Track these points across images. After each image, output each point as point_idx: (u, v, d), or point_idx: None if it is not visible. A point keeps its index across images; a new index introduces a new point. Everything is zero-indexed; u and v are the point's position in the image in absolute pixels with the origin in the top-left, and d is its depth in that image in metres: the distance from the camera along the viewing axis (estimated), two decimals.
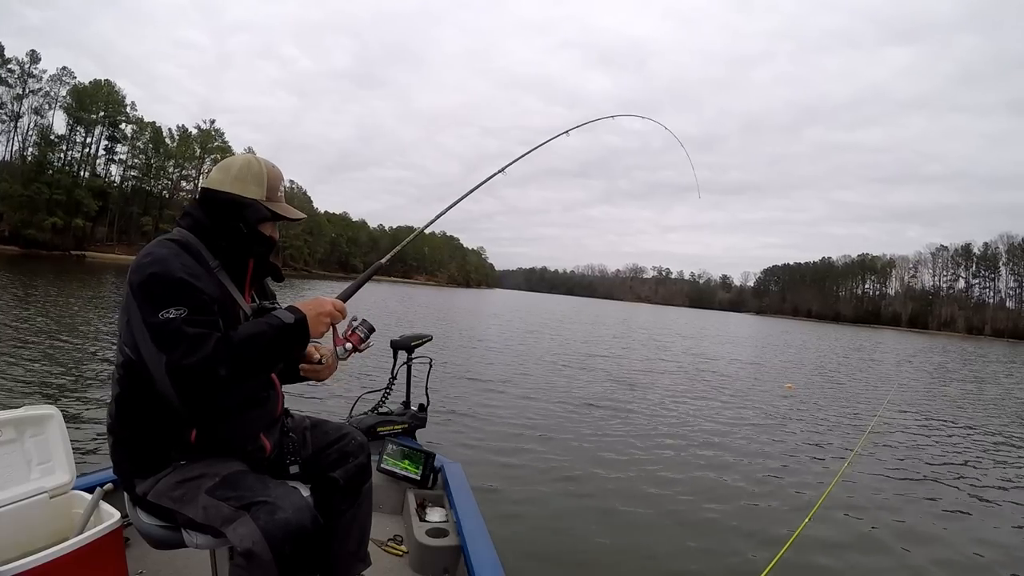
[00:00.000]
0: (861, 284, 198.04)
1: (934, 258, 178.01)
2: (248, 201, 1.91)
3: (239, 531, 1.65)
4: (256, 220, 1.92)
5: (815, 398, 13.29)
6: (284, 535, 1.63)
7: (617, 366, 16.10)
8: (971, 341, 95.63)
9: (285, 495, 1.73)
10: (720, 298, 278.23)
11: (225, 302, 1.86)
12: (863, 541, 5.04)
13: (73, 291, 23.15)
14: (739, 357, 22.61)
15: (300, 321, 1.81)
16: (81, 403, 7.05)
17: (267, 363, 1.81)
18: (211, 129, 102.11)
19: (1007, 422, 11.94)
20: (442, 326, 24.45)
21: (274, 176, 1.98)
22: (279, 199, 1.99)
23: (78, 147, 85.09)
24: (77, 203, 77.60)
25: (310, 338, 1.87)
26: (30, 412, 2.31)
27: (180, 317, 1.64)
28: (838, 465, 6.81)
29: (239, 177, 1.92)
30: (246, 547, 1.62)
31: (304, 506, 1.73)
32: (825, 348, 34.03)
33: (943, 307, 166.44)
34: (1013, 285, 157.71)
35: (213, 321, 1.72)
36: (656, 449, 7.46)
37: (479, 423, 7.92)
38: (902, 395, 14.56)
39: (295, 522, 1.66)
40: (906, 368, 24.92)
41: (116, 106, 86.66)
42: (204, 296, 1.73)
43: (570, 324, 36.44)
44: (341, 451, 2.21)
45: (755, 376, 16.73)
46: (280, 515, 1.65)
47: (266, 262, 2.04)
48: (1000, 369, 29.18)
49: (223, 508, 1.71)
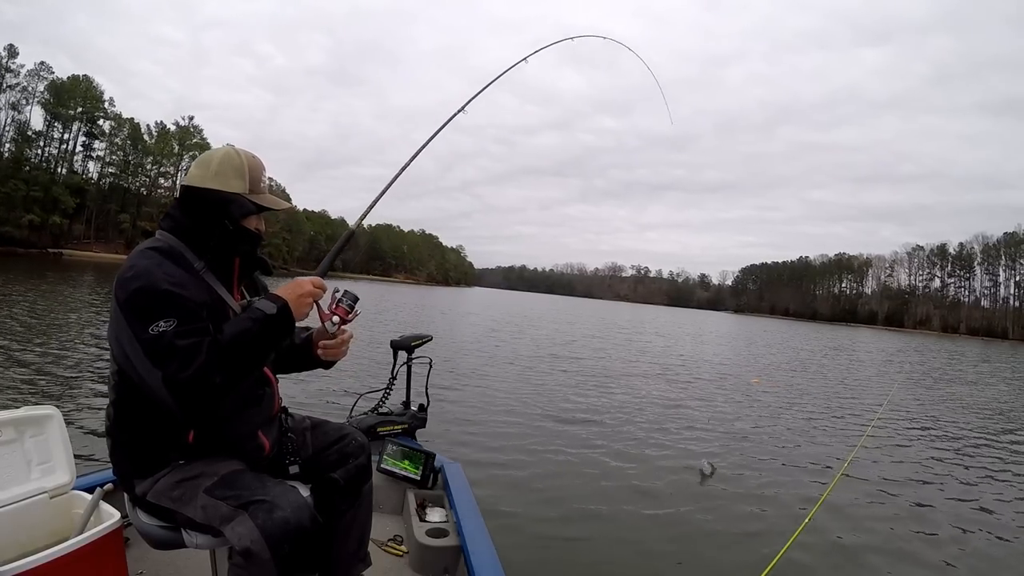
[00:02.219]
0: (838, 283, 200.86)
1: (910, 257, 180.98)
2: (231, 196, 1.87)
3: (237, 530, 1.64)
4: (240, 215, 1.88)
5: (814, 398, 13.39)
6: (283, 534, 1.62)
7: (616, 366, 16.17)
8: (947, 339, 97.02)
9: (283, 494, 1.72)
10: (699, 297, 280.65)
11: (214, 305, 1.82)
12: (864, 541, 5.05)
13: (64, 290, 22.90)
14: (732, 359, 22.68)
15: (283, 308, 1.78)
16: (81, 403, 6.99)
17: (258, 358, 1.79)
18: (190, 125, 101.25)
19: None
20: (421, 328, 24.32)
21: (255, 167, 1.93)
22: (262, 190, 1.94)
23: (56, 143, 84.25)
24: (54, 200, 76.52)
25: (295, 322, 1.84)
26: (30, 412, 2.29)
27: (170, 330, 1.62)
28: (837, 467, 6.80)
29: (219, 172, 1.87)
30: (244, 546, 1.61)
31: (303, 505, 1.71)
32: (813, 349, 34.01)
33: (919, 306, 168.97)
34: (988, 284, 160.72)
35: (203, 328, 1.69)
36: (657, 449, 7.49)
37: (479, 423, 7.90)
38: (899, 397, 14.51)
39: (294, 521, 1.65)
40: (893, 367, 25.15)
41: (94, 102, 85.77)
42: (191, 304, 1.70)
43: (554, 323, 36.50)
44: (341, 452, 2.20)
45: (753, 377, 16.84)
46: (279, 514, 1.64)
47: (253, 257, 2.00)
48: (987, 369, 29.49)
49: (222, 507, 1.70)
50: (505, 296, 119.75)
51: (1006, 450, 9.30)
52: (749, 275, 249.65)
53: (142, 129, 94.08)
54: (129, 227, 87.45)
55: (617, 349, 21.90)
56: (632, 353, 20.76)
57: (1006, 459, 8.66)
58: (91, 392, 7.56)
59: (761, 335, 47.07)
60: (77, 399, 7.18)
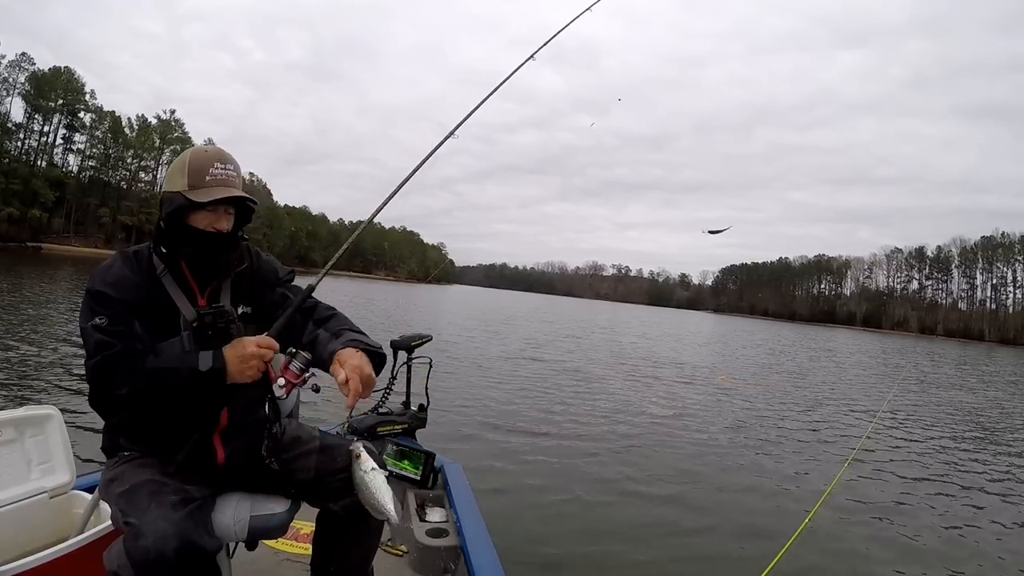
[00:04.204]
0: (817, 284, 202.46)
1: (889, 259, 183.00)
2: (168, 195, 1.81)
3: (113, 549, 1.60)
4: (168, 213, 1.79)
5: (810, 400, 13.49)
6: (144, 563, 1.52)
7: (613, 366, 16.27)
8: (925, 340, 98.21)
9: (153, 520, 1.58)
10: (679, 296, 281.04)
11: (161, 308, 1.79)
12: (862, 543, 5.10)
13: (57, 288, 22.75)
14: (725, 362, 22.85)
15: (215, 371, 1.70)
16: (81, 403, 6.87)
17: (173, 400, 1.71)
18: (171, 119, 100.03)
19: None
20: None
21: (199, 160, 1.81)
22: (206, 184, 1.79)
23: (36, 136, 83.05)
24: (34, 193, 75.44)
25: (227, 383, 1.74)
26: (30, 412, 2.30)
27: (100, 324, 1.68)
28: (836, 469, 6.80)
29: (169, 173, 1.84)
30: (112, 569, 1.58)
31: (169, 535, 1.55)
32: (799, 350, 34.39)
33: (897, 307, 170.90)
34: (965, 287, 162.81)
35: (121, 332, 1.69)
36: (657, 450, 7.54)
37: (479, 423, 7.92)
38: (897, 401, 14.56)
39: (154, 551, 1.52)
40: (888, 369, 25.53)
41: (76, 94, 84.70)
42: (118, 305, 1.71)
43: (539, 323, 36.63)
44: (347, 482, 1.94)
45: (720, 375, 17.00)
46: (141, 542, 1.54)
47: (205, 258, 1.86)
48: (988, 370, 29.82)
49: (119, 520, 1.67)
50: (485, 295, 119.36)
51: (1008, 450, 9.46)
52: (729, 275, 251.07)
53: (123, 122, 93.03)
54: (109, 221, 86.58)
55: (614, 349, 22.02)
56: (627, 353, 20.89)
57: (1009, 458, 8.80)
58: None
59: (745, 336, 47.33)
60: (77, 399, 7.12)
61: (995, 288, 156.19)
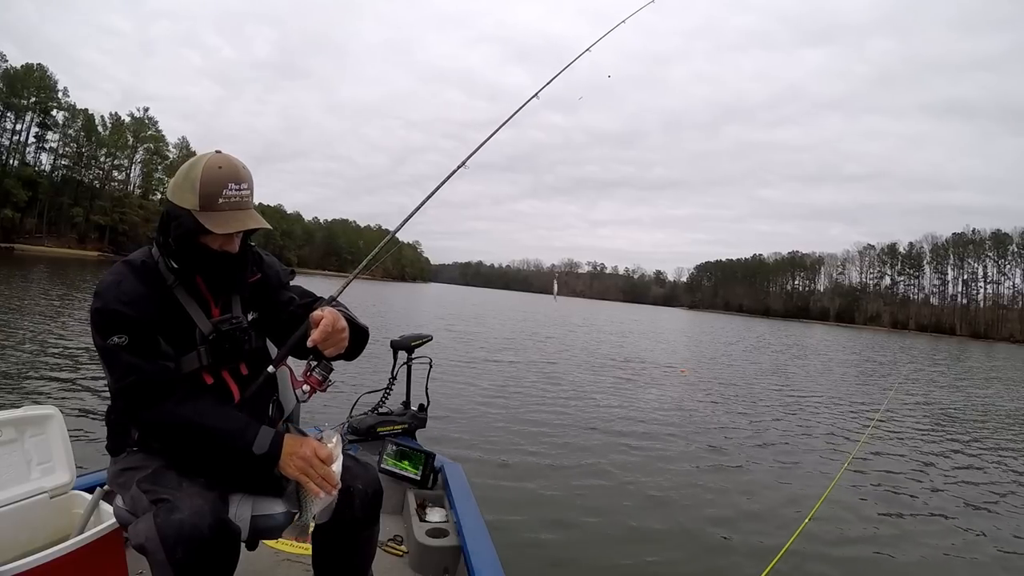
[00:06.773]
0: (791, 280, 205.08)
1: (861, 256, 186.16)
2: (179, 212, 1.75)
3: (139, 526, 1.59)
4: (179, 234, 1.75)
5: (813, 399, 13.59)
6: (176, 536, 1.52)
7: (610, 367, 16.30)
8: (897, 335, 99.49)
9: (189, 496, 1.62)
10: (654, 293, 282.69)
11: (178, 321, 1.79)
12: (862, 542, 5.13)
13: (52, 288, 22.53)
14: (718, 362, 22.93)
15: (268, 458, 1.75)
16: (81, 403, 6.90)
17: (205, 453, 1.76)
18: (144, 117, 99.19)
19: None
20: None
21: (211, 180, 1.72)
22: (218, 207, 1.73)
23: (7, 134, 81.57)
24: (6, 193, 74.25)
25: (274, 469, 1.78)
26: (30, 412, 2.29)
27: (123, 344, 1.69)
28: (835, 469, 6.80)
29: (177, 183, 1.77)
30: (139, 543, 1.57)
31: (206, 511, 1.58)
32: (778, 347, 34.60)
33: (870, 303, 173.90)
34: (936, 283, 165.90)
35: (149, 352, 1.72)
36: (656, 449, 7.55)
37: (479, 423, 7.91)
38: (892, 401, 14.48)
39: (188, 524, 1.54)
40: (879, 366, 25.70)
41: (48, 92, 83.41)
42: (139, 323, 1.70)
43: (524, 322, 36.63)
44: (345, 495, 1.93)
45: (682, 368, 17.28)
46: (175, 516, 1.55)
47: (221, 277, 1.87)
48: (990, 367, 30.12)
49: (143, 500, 1.67)
50: (461, 293, 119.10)
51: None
52: (704, 272, 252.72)
53: (96, 120, 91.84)
54: (82, 221, 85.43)
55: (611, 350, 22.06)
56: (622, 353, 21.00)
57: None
58: (91, 392, 7.46)
59: (720, 332, 47.78)
60: (77, 399, 7.10)
61: (966, 284, 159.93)
